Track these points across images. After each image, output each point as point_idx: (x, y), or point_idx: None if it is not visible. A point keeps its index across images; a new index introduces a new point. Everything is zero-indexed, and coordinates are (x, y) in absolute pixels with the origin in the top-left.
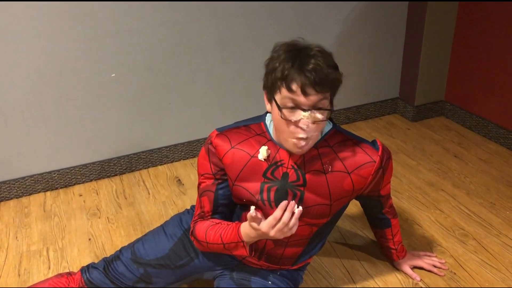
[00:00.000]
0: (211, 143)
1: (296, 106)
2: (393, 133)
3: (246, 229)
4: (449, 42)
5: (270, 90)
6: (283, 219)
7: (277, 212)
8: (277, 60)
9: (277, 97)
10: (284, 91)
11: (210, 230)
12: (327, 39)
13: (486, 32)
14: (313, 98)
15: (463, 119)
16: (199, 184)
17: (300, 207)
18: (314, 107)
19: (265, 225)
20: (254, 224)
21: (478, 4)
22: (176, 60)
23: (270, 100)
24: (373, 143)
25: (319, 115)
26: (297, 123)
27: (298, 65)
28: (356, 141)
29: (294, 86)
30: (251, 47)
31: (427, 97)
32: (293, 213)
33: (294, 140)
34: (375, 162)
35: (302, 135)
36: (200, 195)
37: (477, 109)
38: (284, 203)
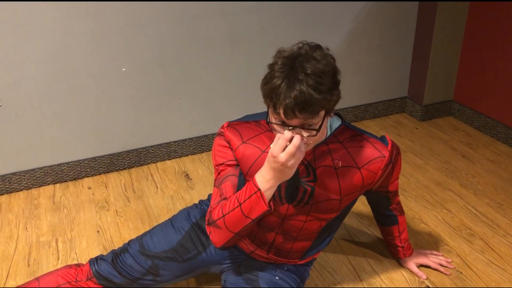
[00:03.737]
0: (224, 137)
1: (283, 123)
2: (401, 132)
3: (261, 171)
4: (459, 41)
5: (265, 102)
6: (294, 141)
7: (287, 133)
8: (272, 73)
9: (269, 109)
10: (271, 109)
11: (226, 202)
12: (337, 37)
13: (497, 32)
14: (297, 120)
15: (471, 119)
16: (219, 172)
17: (304, 133)
18: (301, 127)
19: (276, 148)
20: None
21: (488, 4)
22: (186, 56)
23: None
24: (382, 139)
25: (304, 134)
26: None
27: (284, 87)
28: (365, 137)
29: (278, 108)
30: (261, 44)
31: (435, 97)
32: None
33: None
34: (384, 157)
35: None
36: (221, 182)
37: (486, 109)
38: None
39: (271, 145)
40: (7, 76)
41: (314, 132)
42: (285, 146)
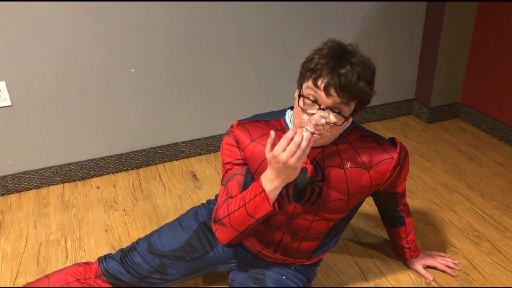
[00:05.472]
0: (233, 135)
1: (315, 101)
2: (408, 134)
3: (266, 173)
4: (466, 43)
5: (301, 76)
6: (295, 139)
7: (289, 133)
8: (319, 53)
9: (304, 85)
10: (310, 82)
11: (232, 201)
12: (344, 39)
13: (505, 34)
14: (334, 99)
15: (479, 121)
16: (226, 171)
17: (309, 131)
18: (332, 109)
19: (277, 148)
20: (269, 145)
21: (497, 5)
22: (194, 57)
23: (298, 86)
24: (391, 140)
25: (332, 117)
26: (310, 115)
27: (332, 64)
28: (374, 138)
29: (320, 82)
30: (268, 46)
31: (443, 99)
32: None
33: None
34: (393, 158)
35: (309, 127)
36: (228, 180)
37: (493, 111)
38: (295, 128)
39: (269, 152)
40: (18, 76)
41: (341, 120)
42: (286, 146)
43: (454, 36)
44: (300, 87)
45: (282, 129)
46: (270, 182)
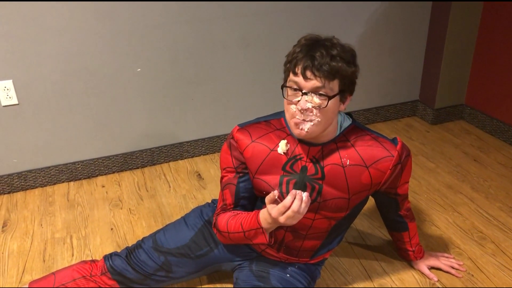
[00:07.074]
0: (232, 138)
1: (298, 88)
2: (412, 136)
3: (264, 214)
4: (471, 45)
5: (284, 74)
6: (293, 207)
7: (287, 200)
8: (294, 47)
9: (288, 80)
10: (291, 74)
11: (231, 220)
12: (348, 40)
13: (510, 35)
14: (313, 82)
15: (483, 123)
16: (222, 178)
17: (307, 193)
18: (315, 92)
19: (275, 211)
20: (269, 207)
21: (502, 6)
22: (199, 57)
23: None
24: (393, 140)
25: (316, 99)
26: (297, 104)
27: (306, 50)
28: (374, 136)
29: (297, 69)
30: (273, 46)
31: (447, 101)
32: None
33: (294, 120)
34: (393, 156)
35: (298, 117)
36: (223, 188)
37: (498, 113)
38: (295, 190)
39: (269, 209)
40: (25, 76)
41: (325, 101)
42: (284, 212)
43: (459, 37)
44: (285, 83)
45: (282, 128)
46: (268, 223)
